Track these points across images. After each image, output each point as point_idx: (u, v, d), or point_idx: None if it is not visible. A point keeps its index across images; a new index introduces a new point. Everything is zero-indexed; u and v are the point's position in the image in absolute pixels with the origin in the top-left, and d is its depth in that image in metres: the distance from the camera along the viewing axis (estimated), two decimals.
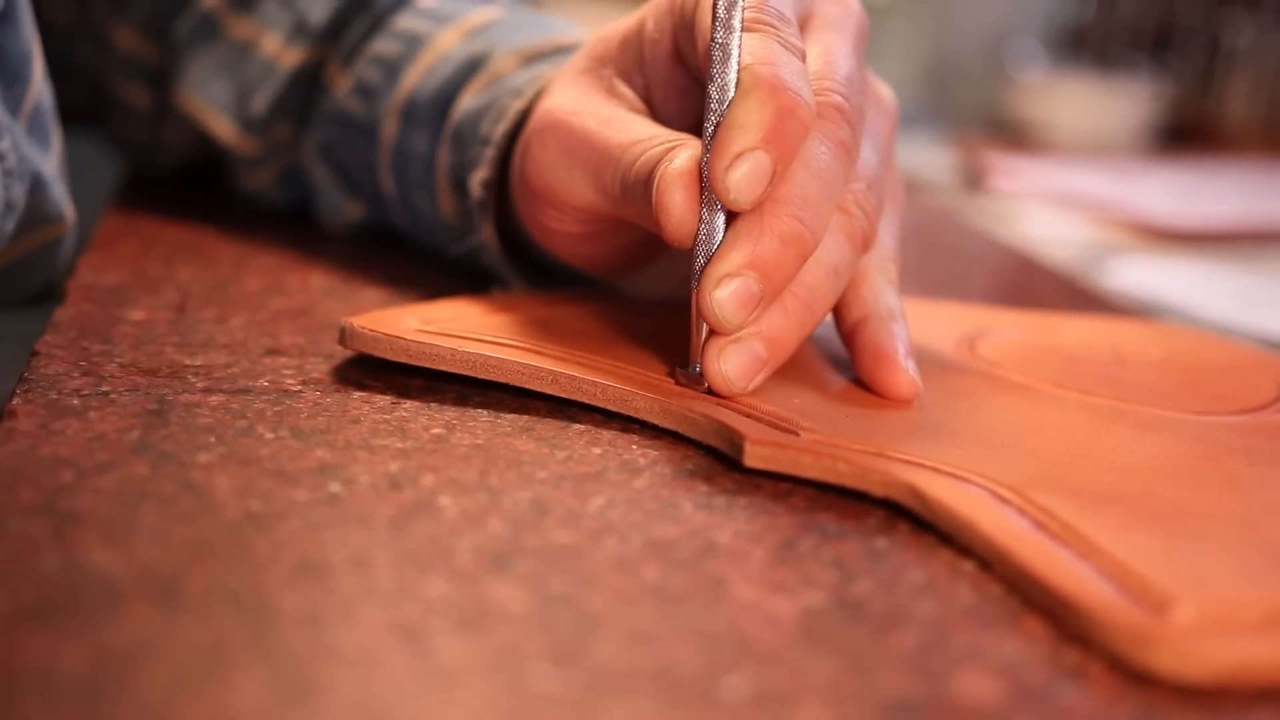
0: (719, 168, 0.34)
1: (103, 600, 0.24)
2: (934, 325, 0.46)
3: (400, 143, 0.49)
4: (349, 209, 0.54)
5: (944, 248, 0.72)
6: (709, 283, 0.35)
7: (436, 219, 0.49)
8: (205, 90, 0.55)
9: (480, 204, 0.44)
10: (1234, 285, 0.66)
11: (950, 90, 1.32)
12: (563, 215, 0.41)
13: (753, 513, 0.31)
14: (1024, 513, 0.30)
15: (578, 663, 0.24)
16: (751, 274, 0.34)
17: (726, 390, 0.36)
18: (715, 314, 0.35)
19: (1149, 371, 0.43)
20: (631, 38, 0.41)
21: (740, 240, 0.35)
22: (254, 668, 0.23)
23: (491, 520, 0.29)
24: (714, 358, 0.35)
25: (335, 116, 0.52)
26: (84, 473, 0.30)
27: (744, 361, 0.35)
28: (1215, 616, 0.26)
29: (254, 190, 0.57)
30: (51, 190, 0.43)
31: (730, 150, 0.34)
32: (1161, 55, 1.24)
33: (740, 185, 0.34)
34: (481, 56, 0.47)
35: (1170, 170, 1.04)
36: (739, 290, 0.35)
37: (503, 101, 0.45)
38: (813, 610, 0.26)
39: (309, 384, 0.37)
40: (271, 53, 0.54)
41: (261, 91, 0.54)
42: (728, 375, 0.35)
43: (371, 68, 0.51)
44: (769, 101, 0.34)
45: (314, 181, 0.54)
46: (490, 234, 0.45)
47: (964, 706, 0.24)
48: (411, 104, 0.49)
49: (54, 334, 0.39)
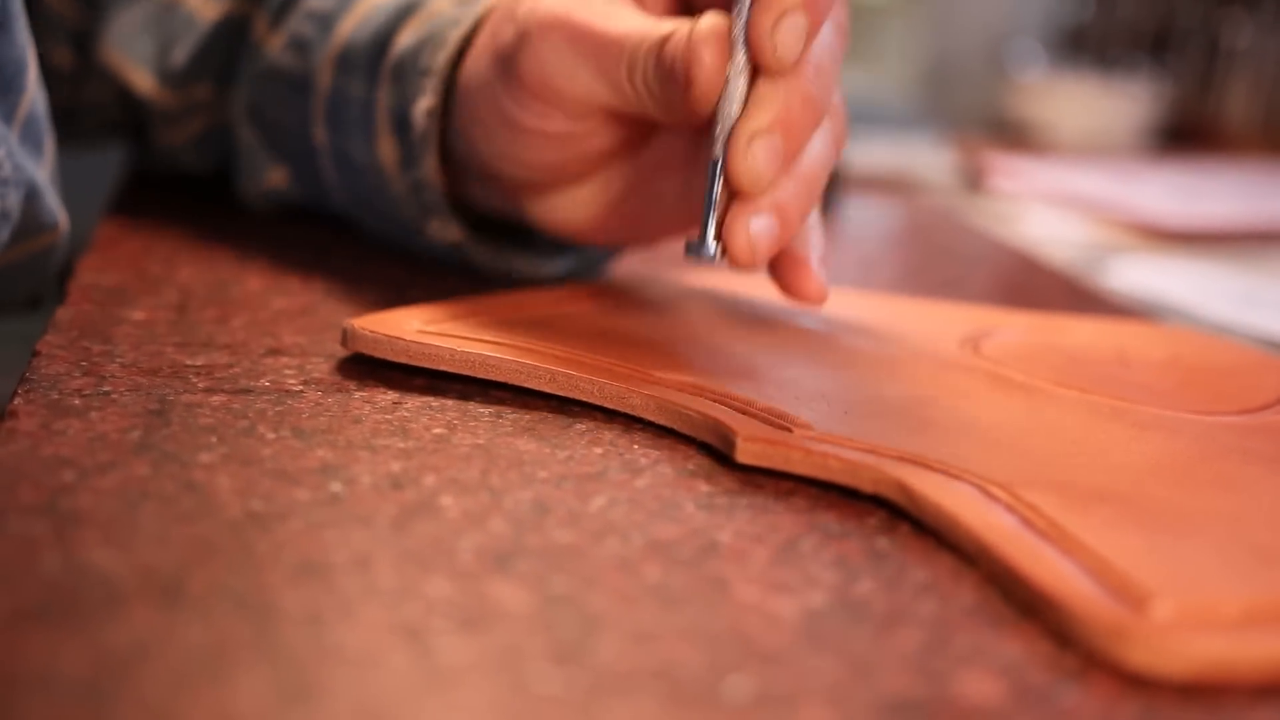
0: (765, 24, 0.36)
1: (104, 600, 0.24)
2: (939, 325, 0.46)
3: (336, 90, 0.49)
4: (272, 174, 0.54)
5: (944, 248, 0.72)
6: (741, 139, 0.36)
7: (371, 164, 0.49)
8: (128, 45, 0.55)
9: (423, 135, 0.45)
10: (1234, 285, 0.66)
11: (950, 91, 1.32)
12: (554, 112, 0.41)
13: (754, 512, 0.31)
14: (1012, 509, 0.30)
15: (579, 663, 0.24)
16: (779, 133, 0.36)
17: (748, 259, 0.37)
18: (750, 168, 0.36)
19: (1151, 372, 0.43)
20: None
21: (768, 99, 0.36)
22: (255, 668, 0.23)
23: (493, 520, 0.29)
24: (742, 225, 0.37)
25: (267, 73, 0.52)
26: (85, 473, 0.30)
27: (766, 230, 0.37)
28: (1193, 613, 0.26)
29: (169, 149, 0.57)
30: (46, 198, 0.43)
31: (776, 7, 0.36)
32: (1161, 56, 1.24)
33: (786, 41, 0.36)
34: (416, 1, 0.48)
35: (1170, 171, 1.04)
36: (770, 146, 0.36)
37: (442, 32, 0.45)
38: (815, 610, 0.26)
39: (310, 384, 0.37)
40: (194, 6, 0.55)
41: (182, 44, 0.54)
42: (756, 243, 0.37)
43: (305, 23, 0.51)
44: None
45: (239, 144, 0.55)
46: (433, 164, 0.46)
47: (966, 707, 0.24)
48: (347, 51, 0.49)
49: (55, 334, 0.39)
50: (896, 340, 0.43)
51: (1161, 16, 1.26)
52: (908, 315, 0.48)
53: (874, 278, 0.62)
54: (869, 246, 0.71)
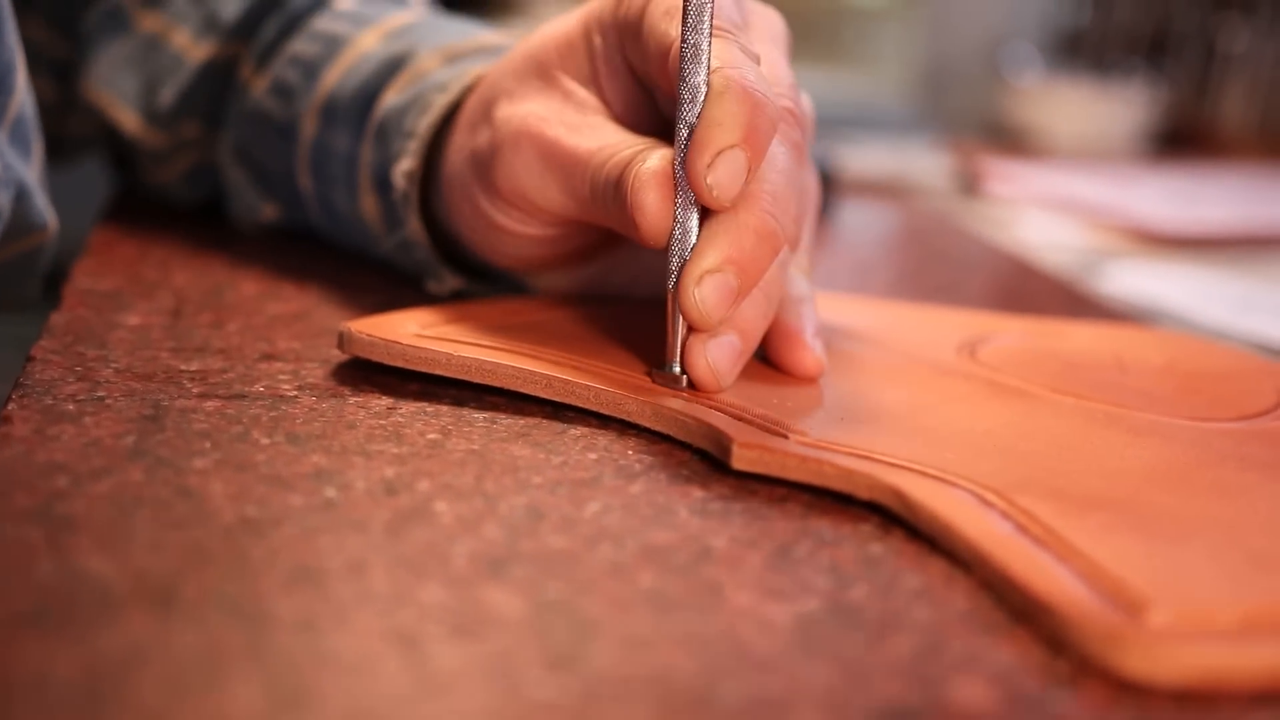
0: (700, 165, 0.35)
1: (98, 606, 0.24)
2: (936, 330, 0.46)
3: (319, 141, 0.49)
4: (265, 209, 0.54)
5: (940, 253, 0.72)
6: (690, 280, 0.35)
7: (356, 217, 0.49)
8: (112, 83, 0.55)
9: (404, 196, 0.45)
10: (1230, 290, 0.66)
11: (946, 95, 1.32)
12: (529, 219, 0.41)
13: (748, 518, 0.31)
14: (1007, 516, 0.30)
15: (573, 669, 0.24)
16: (731, 269, 0.35)
17: (713, 384, 0.36)
18: (699, 309, 0.35)
19: (1149, 378, 0.43)
20: (576, 46, 0.41)
21: (718, 237, 0.35)
22: (249, 674, 0.23)
23: (487, 526, 0.29)
24: (699, 354, 0.36)
25: (251, 116, 0.52)
26: (79, 478, 0.30)
27: (727, 354, 0.36)
28: (1189, 620, 0.26)
29: (160, 185, 0.57)
30: (35, 199, 0.43)
31: (711, 147, 0.35)
32: (1157, 60, 1.25)
33: (722, 182, 0.35)
34: (403, 56, 0.48)
35: (1166, 175, 1.04)
36: (719, 285, 0.35)
37: (428, 96, 0.45)
38: (808, 616, 0.26)
39: (305, 389, 0.37)
40: (180, 46, 0.54)
41: (169, 85, 0.54)
42: (717, 368, 0.36)
43: (289, 68, 0.51)
44: (745, 100, 0.35)
45: (229, 182, 0.55)
46: (417, 226, 0.46)
47: (959, 713, 0.24)
48: (331, 103, 0.49)
49: (49, 339, 0.39)
50: (893, 346, 0.43)
51: (1158, 21, 1.26)
52: (905, 321, 0.48)
53: (869, 282, 0.62)
54: (864, 251, 0.71)
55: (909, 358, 0.42)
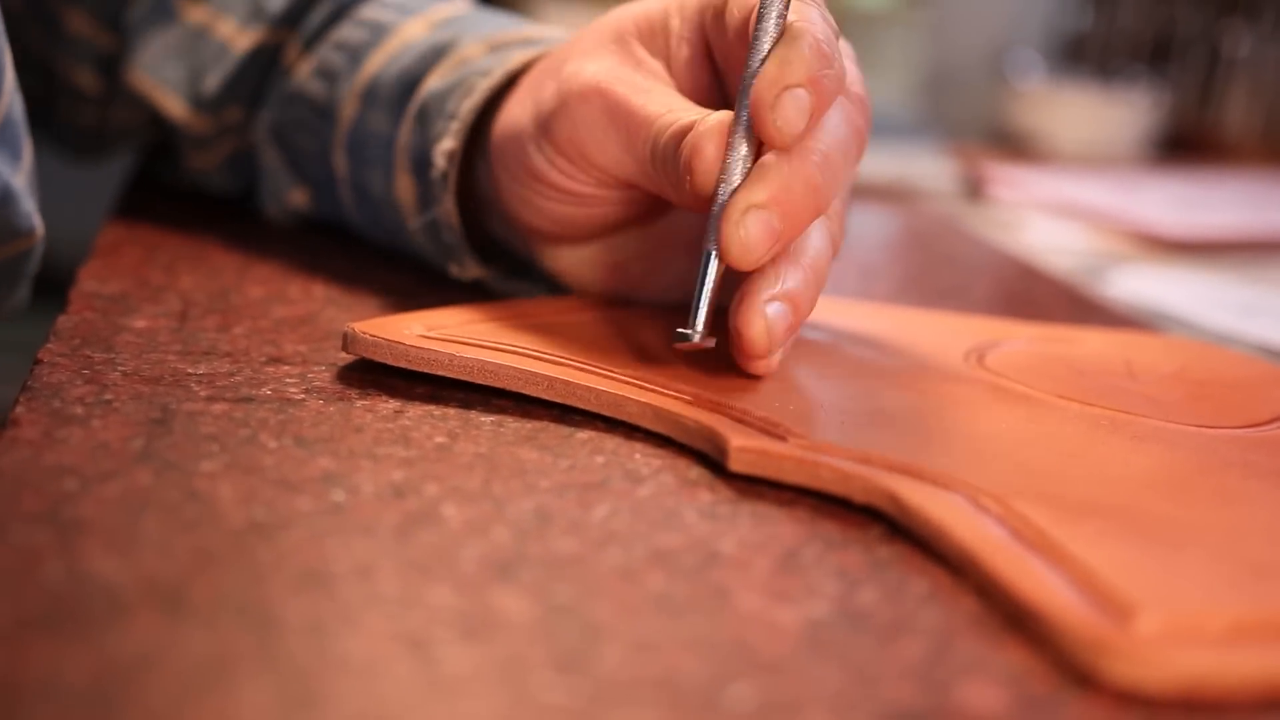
0: (769, 96, 0.35)
1: (107, 609, 0.24)
2: (945, 336, 0.46)
3: (359, 123, 0.50)
4: (294, 195, 0.54)
5: (945, 256, 0.72)
6: (736, 210, 0.35)
7: (389, 199, 0.49)
8: (158, 70, 0.55)
9: (443, 175, 0.46)
10: (1235, 295, 0.66)
11: (949, 100, 1.32)
12: (579, 173, 0.42)
13: (756, 522, 0.31)
14: (1002, 521, 0.30)
15: (582, 672, 0.24)
16: (776, 210, 0.35)
17: (764, 347, 0.36)
18: (742, 242, 0.35)
19: (1157, 384, 0.42)
20: (655, 24, 0.42)
21: (769, 178, 0.35)
22: (259, 677, 0.23)
23: (495, 529, 0.29)
24: (759, 314, 0.36)
25: (292, 98, 0.53)
26: (88, 481, 0.30)
27: (783, 321, 0.36)
28: (1178, 627, 0.26)
29: (200, 171, 0.58)
30: (21, 203, 0.43)
31: (781, 81, 0.35)
32: (1161, 65, 1.24)
33: (789, 116, 0.35)
34: (447, 44, 0.49)
35: (1170, 180, 1.04)
36: (764, 222, 0.35)
37: (471, 80, 0.46)
38: (816, 620, 0.26)
39: (312, 392, 0.37)
40: (226, 35, 0.55)
41: (215, 72, 0.54)
42: (773, 331, 0.36)
43: (334, 52, 0.52)
44: (816, 49, 0.35)
45: (262, 164, 0.55)
46: (451, 207, 0.46)
47: (969, 716, 0.24)
48: (373, 86, 0.50)
49: (56, 342, 0.39)
50: (899, 351, 0.43)
51: (1161, 26, 1.26)
52: (913, 326, 0.47)
53: (874, 286, 0.62)
54: (869, 255, 0.71)
55: (914, 363, 0.42)
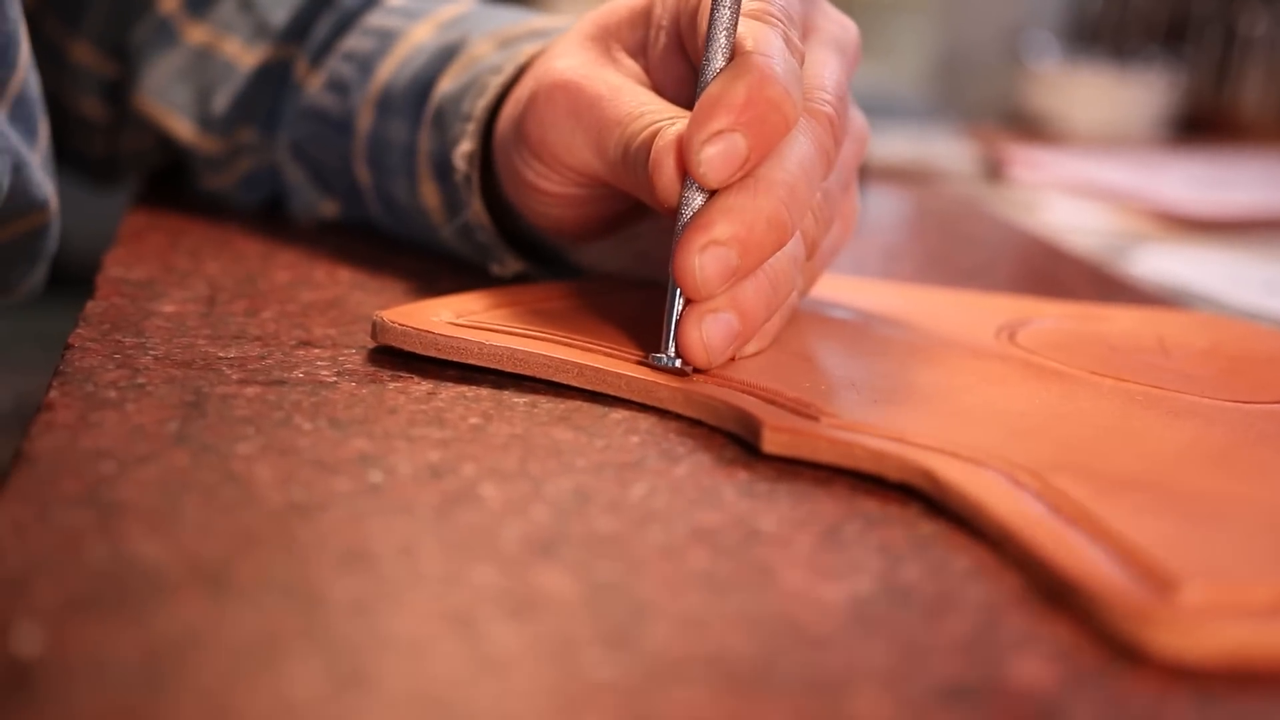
0: (695, 140, 0.34)
1: (152, 589, 0.24)
2: (975, 314, 0.45)
3: (376, 132, 0.49)
4: (324, 206, 0.54)
5: (967, 237, 0.72)
6: (694, 245, 0.35)
7: (415, 206, 0.49)
8: (165, 94, 0.55)
9: (465, 178, 0.45)
10: (1258, 273, 0.66)
11: (965, 82, 1.32)
12: (552, 174, 0.41)
13: (795, 499, 0.31)
14: (1040, 496, 0.30)
15: (631, 649, 0.24)
16: (735, 247, 0.35)
17: (703, 359, 0.36)
18: (696, 276, 0.35)
19: (1191, 360, 0.42)
20: (639, 18, 0.42)
21: (731, 212, 0.35)
22: (308, 656, 0.23)
23: (535, 508, 0.29)
24: (694, 326, 0.35)
25: (307, 113, 0.52)
26: (125, 464, 0.29)
27: (721, 331, 0.36)
28: (1221, 598, 0.26)
29: (217, 190, 0.57)
30: (34, 174, 0.42)
31: (708, 127, 0.34)
32: (1176, 45, 1.24)
33: (711, 162, 0.34)
34: (456, 44, 0.48)
35: (1188, 160, 1.03)
36: (721, 259, 0.35)
37: (483, 79, 0.45)
38: (862, 596, 0.26)
39: (344, 375, 0.37)
40: (231, 54, 0.54)
41: (222, 91, 0.54)
42: (709, 343, 0.35)
43: (344, 64, 0.51)
44: (757, 88, 0.34)
45: (288, 181, 0.54)
46: (479, 208, 0.45)
47: (1020, 691, 0.23)
48: (386, 94, 0.49)
49: (86, 327, 0.39)
50: (930, 330, 0.43)
51: (1176, 6, 1.26)
52: (943, 305, 0.47)
53: (897, 267, 0.62)
54: (891, 236, 0.71)
55: (945, 341, 0.42)
